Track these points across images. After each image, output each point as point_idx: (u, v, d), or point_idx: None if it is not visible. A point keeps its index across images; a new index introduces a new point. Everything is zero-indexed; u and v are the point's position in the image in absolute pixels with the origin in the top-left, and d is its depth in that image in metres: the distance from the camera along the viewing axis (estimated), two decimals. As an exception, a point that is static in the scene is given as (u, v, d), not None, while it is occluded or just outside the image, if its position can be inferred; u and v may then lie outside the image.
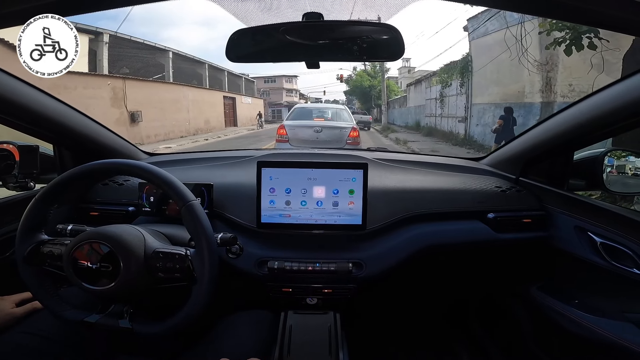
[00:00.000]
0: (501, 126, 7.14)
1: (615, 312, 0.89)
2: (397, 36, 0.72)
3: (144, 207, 1.00)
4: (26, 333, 0.73)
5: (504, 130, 7.00)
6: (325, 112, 7.10)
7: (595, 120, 0.89)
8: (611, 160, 1.02)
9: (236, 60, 0.80)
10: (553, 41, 4.35)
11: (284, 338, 0.89)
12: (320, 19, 0.72)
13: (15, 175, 0.96)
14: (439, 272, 1.30)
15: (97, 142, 1.14)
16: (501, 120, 7.25)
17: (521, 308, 1.20)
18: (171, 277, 0.67)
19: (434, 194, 1.09)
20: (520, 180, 1.19)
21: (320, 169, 0.97)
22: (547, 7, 0.62)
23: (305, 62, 0.80)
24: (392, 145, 11.74)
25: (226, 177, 1.13)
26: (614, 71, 4.79)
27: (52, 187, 0.71)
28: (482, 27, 9.66)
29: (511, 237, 1.06)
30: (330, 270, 0.94)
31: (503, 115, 7.38)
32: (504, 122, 7.16)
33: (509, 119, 7.24)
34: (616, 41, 4.18)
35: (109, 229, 0.67)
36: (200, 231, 0.66)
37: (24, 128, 0.95)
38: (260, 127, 21.30)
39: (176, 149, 10.88)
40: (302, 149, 3.28)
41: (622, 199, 2.66)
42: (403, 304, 1.46)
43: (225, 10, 0.89)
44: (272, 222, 0.98)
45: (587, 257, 0.95)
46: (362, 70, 32.76)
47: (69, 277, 0.65)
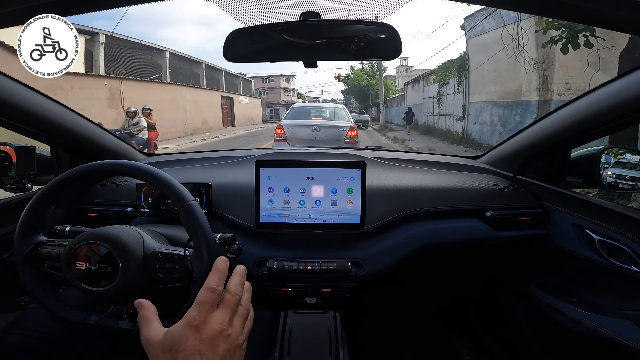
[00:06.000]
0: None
1: (614, 310, 0.89)
2: (395, 35, 0.72)
3: (142, 208, 1.00)
4: (25, 335, 0.73)
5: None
6: (323, 111, 7.11)
7: (592, 118, 0.90)
8: (608, 157, 1.03)
9: (234, 60, 0.80)
10: (549, 39, 4.36)
11: (284, 338, 0.89)
12: (318, 18, 0.72)
13: (13, 176, 0.96)
14: (438, 271, 1.31)
15: (94, 143, 1.13)
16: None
17: (520, 306, 1.20)
18: (170, 277, 0.67)
19: (432, 193, 1.10)
20: (518, 178, 1.19)
21: (318, 168, 0.97)
22: (543, 5, 0.62)
23: (303, 62, 0.80)
24: (390, 144, 11.75)
25: (224, 177, 1.13)
26: (610, 69, 4.83)
27: (49, 188, 0.71)
28: (478, 25, 9.69)
29: (509, 235, 1.06)
30: (329, 269, 0.94)
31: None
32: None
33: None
34: (612, 39, 4.21)
35: (107, 230, 0.67)
36: (199, 231, 0.66)
37: (21, 129, 0.94)
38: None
39: (174, 149, 10.85)
40: (301, 148, 3.27)
41: (619, 197, 2.67)
42: (403, 302, 1.46)
43: (222, 10, 0.89)
44: (270, 221, 0.98)
45: (585, 254, 0.96)
46: (359, 70, 32.82)
47: (68, 279, 0.65)
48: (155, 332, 0.45)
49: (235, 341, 0.44)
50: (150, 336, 0.45)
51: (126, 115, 7.56)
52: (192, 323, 0.43)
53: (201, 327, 0.42)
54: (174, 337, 0.42)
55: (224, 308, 0.46)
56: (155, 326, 0.46)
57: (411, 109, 17.03)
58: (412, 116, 16.61)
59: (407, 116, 16.71)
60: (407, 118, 16.72)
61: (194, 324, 0.42)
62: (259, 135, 15.68)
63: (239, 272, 0.52)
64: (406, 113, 16.96)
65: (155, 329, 0.46)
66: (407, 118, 16.72)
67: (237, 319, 0.47)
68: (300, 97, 43.73)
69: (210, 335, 0.42)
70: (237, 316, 0.47)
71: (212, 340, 0.42)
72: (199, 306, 0.45)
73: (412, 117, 16.63)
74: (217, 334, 0.42)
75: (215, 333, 0.42)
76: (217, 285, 0.47)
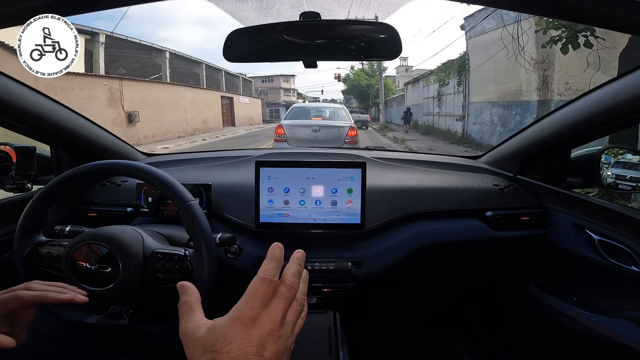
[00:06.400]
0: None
1: (614, 310, 0.89)
2: (395, 35, 0.72)
3: (142, 208, 1.00)
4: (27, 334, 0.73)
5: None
6: (323, 111, 7.10)
7: (592, 118, 0.90)
8: (608, 157, 1.03)
9: (234, 60, 0.80)
10: (549, 39, 4.36)
11: None
12: (318, 18, 0.72)
13: (13, 176, 0.96)
14: (438, 271, 1.31)
15: (94, 143, 1.13)
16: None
17: (520, 306, 1.20)
18: (170, 277, 0.67)
19: (432, 193, 1.10)
20: (518, 178, 1.19)
21: (318, 168, 0.97)
22: (543, 5, 0.62)
23: (303, 62, 0.80)
24: (390, 144, 11.76)
25: (224, 177, 1.13)
26: (610, 69, 4.82)
27: (49, 188, 0.71)
28: (478, 25, 9.69)
29: (509, 235, 1.06)
30: (329, 269, 0.94)
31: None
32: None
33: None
34: (612, 39, 4.20)
35: (107, 230, 0.67)
36: (199, 231, 0.66)
37: (21, 129, 0.94)
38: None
39: (174, 149, 10.85)
40: (300, 148, 3.27)
41: (619, 197, 2.67)
42: (403, 302, 1.46)
43: (222, 10, 0.89)
44: (270, 221, 0.98)
45: (585, 254, 0.96)
46: (359, 70, 32.81)
47: (68, 279, 0.65)
48: (196, 325, 0.38)
49: (285, 344, 0.37)
50: (191, 329, 0.37)
51: None
52: (241, 320, 0.36)
53: (250, 325, 0.36)
54: (219, 335, 0.35)
55: (278, 303, 0.39)
56: (197, 317, 0.39)
57: (410, 109, 17.79)
58: (410, 116, 17.31)
59: (406, 116, 17.42)
60: (406, 118, 17.41)
61: (243, 321, 0.36)
62: (259, 135, 15.68)
63: (297, 259, 0.45)
64: (405, 113, 17.68)
65: (197, 320, 0.39)
66: (406, 118, 17.41)
67: (290, 316, 0.39)
68: (300, 97, 43.73)
69: (260, 336, 0.36)
70: (291, 312, 0.40)
71: (261, 342, 0.35)
72: (250, 300, 0.38)
73: (410, 117, 17.32)
74: (267, 336, 0.36)
75: (265, 334, 0.36)
76: (273, 275, 0.40)
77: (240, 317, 0.36)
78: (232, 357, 0.34)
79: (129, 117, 11.53)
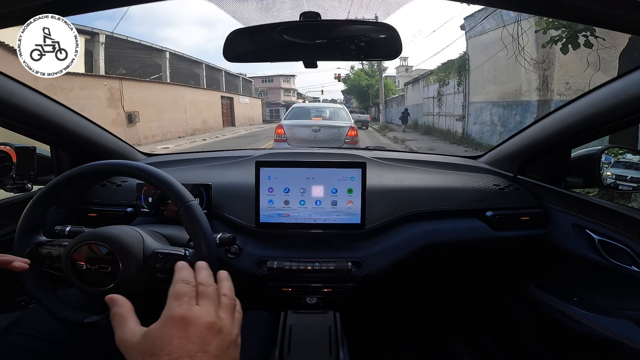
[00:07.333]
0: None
1: (614, 310, 0.89)
2: (395, 35, 0.72)
3: (142, 208, 1.00)
4: (25, 334, 0.73)
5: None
6: (323, 111, 7.10)
7: (592, 118, 0.90)
8: (608, 157, 1.03)
9: (234, 60, 0.80)
10: (549, 39, 4.35)
11: (284, 338, 0.89)
12: (318, 18, 0.72)
13: (13, 176, 0.96)
14: (439, 271, 1.31)
15: (94, 143, 1.13)
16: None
17: (521, 306, 1.20)
18: (170, 277, 0.66)
19: (432, 193, 1.10)
20: (518, 178, 1.19)
21: (318, 169, 0.97)
22: (543, 5, 0.62)
23: (303, 62, 0.80)
24: (390, 144, 11.75)
25: (224, 177, 1.13)
26: (610, 69, 4.82)
27: (49, 188, 0.71)
28: (478, 25, 9.69)
29: (510, 235, 1.06)
30: (329, 269, 0.94)
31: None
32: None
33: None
34: (612, 39, 4.20)
35: (107, 230, 0.67)
36: (199, 231, 0.66)
37: (21, 129, 0.94)
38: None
39: (174, 149, 10.85)
40: (301, 148, 3.28)
41: (619, 197, 2.67)
42: (403, 302, 1.46)
43: (222, 10, 0.89)
44: (271, 221, 0.98)
45: (586, 254, 0.96)
46: (359, 70, 32.79)
47: (68, 279, 0.65)
48: (131, 333, 0.38)
49: (228, 336, 0.38)
50: (126, 337, 0.38)
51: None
52: (174, 319, 0.36)
53: (185, 322, 0.36)
54: (155, 338, 0.35)
55: (205, 299, 0.40)
56: (131, 325, 0.39)
57: (407, 109, 18.74)
58: (407, 116, 18.08)
59: (403, 116, 18.16)
60: (403, 118, 18.12)
61: (176, 319, 0.36)
62: (259, 135, 15.68)
63: (202, 267, 0.46)
64: (402, 113, 18.40)
65: (131, 328, 0.39)
66: (403, 118, 18.12)
67: (223, 312, 0.40)
68: (300, 97, 43.73)
69: (198, 331, 0.35)
70: (223, 308, 0.40)
71: (201, 338, 0.35)
72: (176, 300, 0.38)
73: (408, 117, 18.07)
74: (206, 330, 0.36)
75: (204, 328, 0.36)
76: (188, 278, 0.42)
77: (173, 317, 0.36)
78: (175, 357, 0.33)
79: (129, 117, 11.53)
